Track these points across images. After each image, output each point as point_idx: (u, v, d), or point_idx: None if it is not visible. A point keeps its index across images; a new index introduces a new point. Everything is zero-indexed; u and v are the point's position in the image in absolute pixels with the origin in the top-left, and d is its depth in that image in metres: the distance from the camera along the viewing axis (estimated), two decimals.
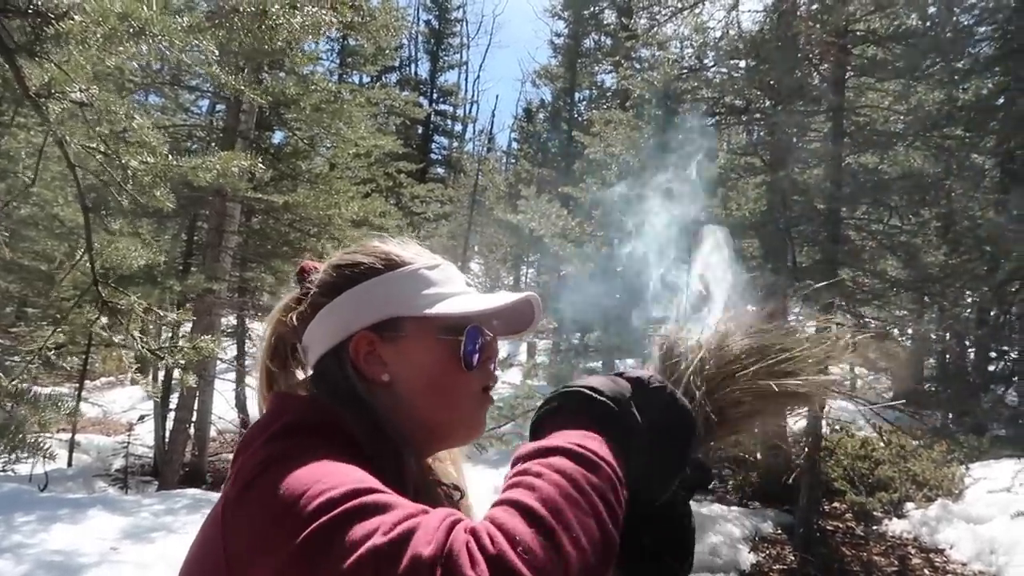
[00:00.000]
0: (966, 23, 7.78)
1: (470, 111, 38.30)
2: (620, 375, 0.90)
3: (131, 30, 1.84)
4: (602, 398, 0.83)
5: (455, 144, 35.37)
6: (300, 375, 1.10)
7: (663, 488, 0.88)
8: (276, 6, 2.08)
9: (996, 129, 7.69)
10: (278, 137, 12.58)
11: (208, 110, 12.32)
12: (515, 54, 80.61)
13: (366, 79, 23.80)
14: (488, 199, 21.20)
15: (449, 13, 33.37)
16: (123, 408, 14.62)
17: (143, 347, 3.07)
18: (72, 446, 11.12)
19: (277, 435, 0.86)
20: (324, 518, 0.70)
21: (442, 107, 33.14)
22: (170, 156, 2.66)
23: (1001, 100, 7.97)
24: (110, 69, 8.69)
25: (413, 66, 34.75)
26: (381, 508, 0.71)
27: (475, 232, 24.43)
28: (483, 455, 10.06)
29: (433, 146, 32.98)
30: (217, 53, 2.16)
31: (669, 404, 0.88)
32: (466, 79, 40.48)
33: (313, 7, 2.19)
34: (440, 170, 32.75)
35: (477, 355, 1.01)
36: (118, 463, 11.19)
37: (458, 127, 36.35)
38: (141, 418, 13.02)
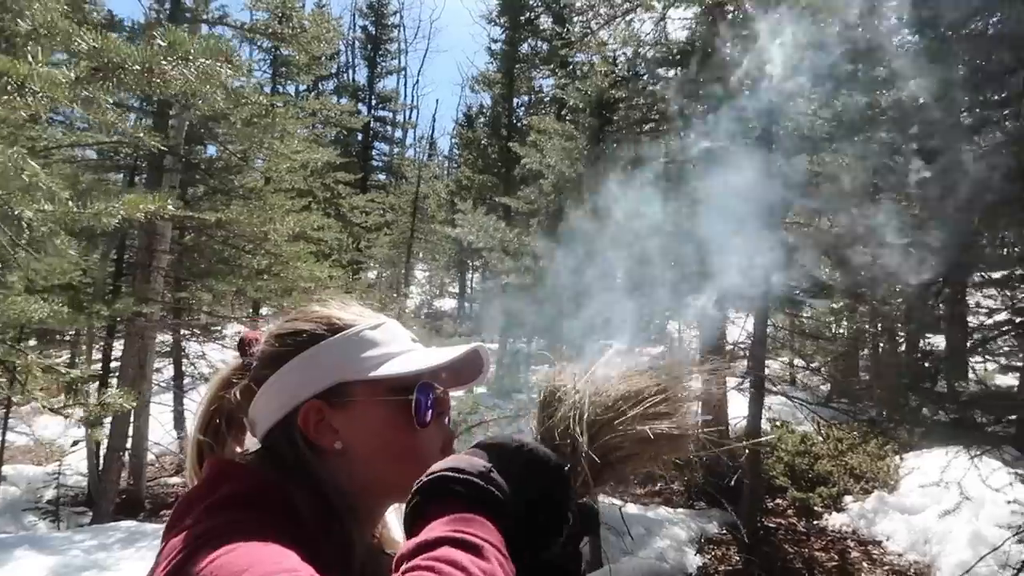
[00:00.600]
0: (886, 31, 8.03)
1: (410, 116, 38.04)
2: (478, 445, 0.89)
3: (9, 86, 1.73)
4: (464, 476, 0.81)
5: (396, 150, 35.07)
6: (237, 449, 1.08)
7: (545, 543, 0.88)
8: (164, 61, 2.00)
9: (916, 133, 7.95)
10: (211, 151, 12.26)
11: (134, 125, 11.91)
12: (454, 58, 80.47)
13: (301, 88, 23.43)
14: (430, 206, 21.09)
15: (386, 19, 32.97)
16: (55, 435, 14.03)
17: (44, 405, 2.92)
18: None
19: (215, 507, 0.84)
20: None
21: (381, 113, 32.72)
22: (70, 202, 2.52)
23: (921, 101, 8.25)
24: None
25: (351, 72, 34.35)
26: None
27: (418, 239, 24.26)
28: None
29: (374, 153, 32.52)
30: (111, 101, 2.06)
31: (530, 461, 0.87)
32: (405, 84, 40.23)
33: (206, 60, 2.11)
34: (381, 176, 32.37)
35: (430, 411, 1.00)
36: (49, 494, 10.74)
37: (399, 133, 36.07)
38: (74, 443, 12.54)
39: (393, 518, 1.11)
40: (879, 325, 9.38)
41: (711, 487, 9.57)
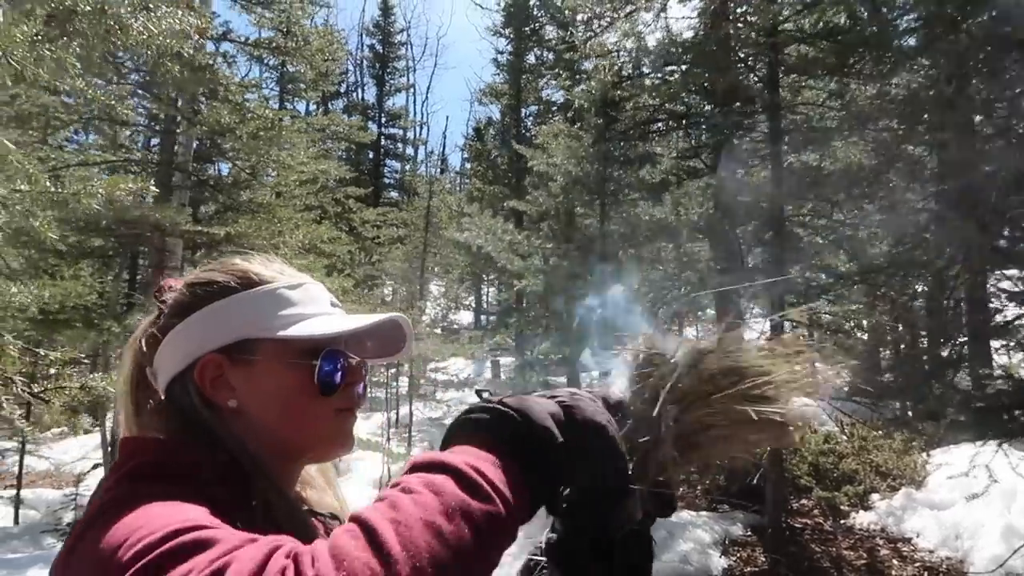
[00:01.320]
0: (890, 17, 7.92)
1: (420, 133, 38.28)
2: (554, 398, 0.83)
3: None
4: (524, 420, 0.76)
5: (407, 167, 35.25)
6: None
7: (607, 523, 0.82)
8: (122, 9, 1.94)
9: (928, 120, 7.82)
10: (223, 171, 12.35)
11: (144, 145, 12.03)
12: (462, 74, 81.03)
13: (311, 107, 23.61)
14: (441, 219, 21.12)
15: (392, 37, 33.33)
16: (74, 458, 14.09)
17: (23, 390, 2.87)
18: (18, 503, 10.64)
19: (123, 479, 0.83)
20: (139, 564, 0.66)
21: (391, 131, 32.97)
22: (48, 183, 2.47)
23: (931, 92, 8.12)
24: (34, 110, 8.43)
25: (360, 91, 34.67)
26: (201, 545, 0.66)
27: (432, 254, 24.26)
28: None
29: (385, 170, 32.79)
30: (78, 65, 2.01)
31: (599, 436, 0.80)
32: (414, 102, 40.49)
33: (168, 6, 2.05)
34: (394, 194, 32.53)
35: (338, 378, 0.96)
36: (68, 517, 10.73)
37: (409, 150, 36.29)
38: (94, 467, 12.55)
39: (316, 476, 1.07)
40: (898, 318, 9.19)
41: (735, 488, 9.40)
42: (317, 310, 0.97)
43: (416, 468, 0.71)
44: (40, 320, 6.85)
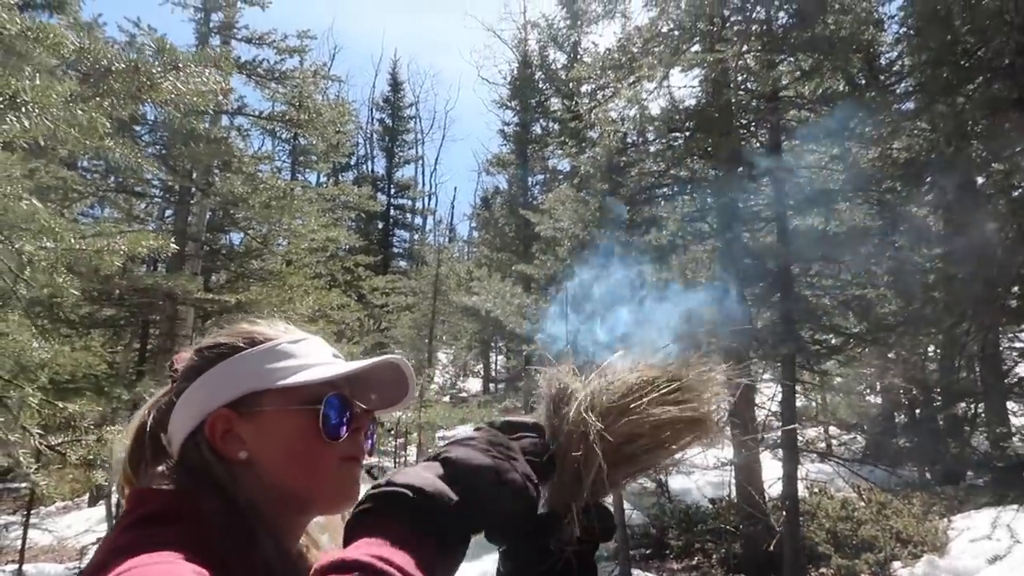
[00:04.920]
0: (888, 82, 8.13)
1: (429, 203, 38.93)
2: (437, 458, 0.85)
3: (2, 102, 1.76)
4: (413, 496, 0.77)
5: (416, 236, 35.71)
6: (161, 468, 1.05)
7: (531, 549, 0.89)
8: (155, 68, 2.03)
9: (931, 181, 7.92)
10: (235, 240, 12.56)
11: (158, 215, 12.27)
12: (470, 146, 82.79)
13: (322, 178, 24.13)
14: (450, 287, 21.26)
15: (402, 111, 34.30)
16: (78, 532, 13.87)
17: (39, 442, 2.87)
18: None
19: (127, 527, 0.85)
20: None
21: (400, 201, 33.58)
22: (73, 240, 2.54)
23: (931, 154, 8.25)
24: (53, 182, 8.65)
25: (370, 163, 35.42)
26: None
27: (441, 321, 24.31)
28: None
29: (394, 240, 33.22)
30: (108, 124, 2.09)
31: (497, 484, 0.82)
32: (423, 173, 41.27)
33: (197, 66, 2.14)
34: (403, 263, 32.86)
35: (344, 426, 0.99)
36: None
37: (418, 220, 36.83)
38: (98, 541, 12.34)
39: (324, 537, 1.08)
40: (911, 378, 9.11)
41: (751, 557, 9.15)
42: (318, 360, 1.01)
43: (323, 571, 0.70)
44: (51, 388, 6.86)
